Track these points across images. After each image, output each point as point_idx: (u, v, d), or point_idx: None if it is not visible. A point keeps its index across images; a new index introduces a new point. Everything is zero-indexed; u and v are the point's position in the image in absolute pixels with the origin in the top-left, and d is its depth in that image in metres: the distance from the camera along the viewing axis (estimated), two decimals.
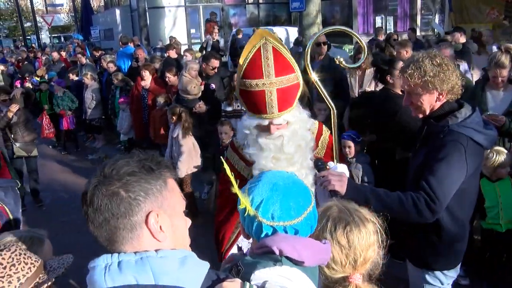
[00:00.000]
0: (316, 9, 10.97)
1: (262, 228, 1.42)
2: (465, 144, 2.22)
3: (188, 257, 1.20)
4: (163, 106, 6.88)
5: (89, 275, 1.18)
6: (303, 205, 1.45)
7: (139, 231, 1.19)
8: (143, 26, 16.82)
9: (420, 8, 18.99)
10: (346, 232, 1.56)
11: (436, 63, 2.24)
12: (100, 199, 1.17)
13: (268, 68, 2.20)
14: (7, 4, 36.57)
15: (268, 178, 1.50)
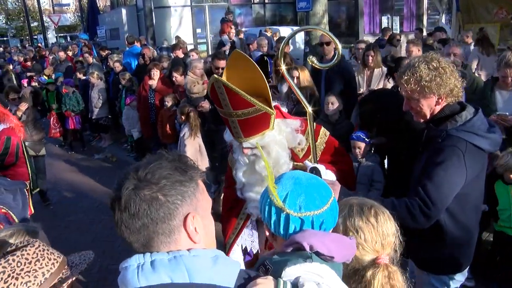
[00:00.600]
0: (323, 9, 10.94)
1: (289, 221, 1.46)
2: (463, 149, 2.19)
3: (219, 256, 1.21)
4: (172, 106, 6.90)
5: (121, 275, 1.17)
6: (325, 196, 1.51)
7: (176, 235, 1.19)
8: (149, 26, 16.85)
9: (426, 8, 18.92)
10: (374, 212, 1.63)
11: (433, 67, 2.22)
12: (138, 204, 1.14)
13: (224, 101, 2.28)
14: (15, 4, 36.79)
15: (289, 175, 1.57)
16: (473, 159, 2.21)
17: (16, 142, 4.69)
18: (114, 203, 1.18)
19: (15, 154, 4.68)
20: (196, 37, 17.50)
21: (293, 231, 1.47)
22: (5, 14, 37.31)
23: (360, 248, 1.58)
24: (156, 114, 7.57)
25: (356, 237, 1.57)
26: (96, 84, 9.19)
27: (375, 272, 1.51)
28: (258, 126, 2.39)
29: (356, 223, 1.61)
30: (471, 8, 10.93)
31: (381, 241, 1.58)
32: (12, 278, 1.46)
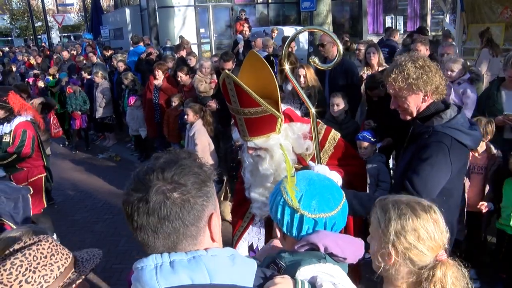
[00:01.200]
0: (327, 9, 10.94)
1: (303, 222, 1.48)
2: (449, 145, 2.25)
3: (236, 255, 1.19)
4: (178, 106, 6.91)
5: (136, 275, 1.14)
6: (338, 197, 1.54)
7: (201, 236, 1.18)
8: (152, 26, 16.87)
9: (430, 8, 18.87)
10: (433, 210, 1.56)
11: (419, 65, 2.28)
12: (169, 207, 1.10)
13: (233, 98, 2.32)
14: (19, 4, 36.92)
15: (302, 175, 1.58)
16: (457, 155, 2.28)
17: (32, 135, 4.77)
18: (137, 206, 1.11)
19: (32, 146, 4.75)
20: (199, 36, 17.52)
21: (306, 232, 1.48)
22: (10, 14, 37.45)
23: (422, 248, 1.50)
24: (161, 114, 7.59)
25: (410, 238, 1.50)
26: (100, 83, 9.21)
27: (444, 270, 1.47)
28: (264, 128, 2.41)
29: (413, 223, 1.51)
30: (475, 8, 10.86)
31: (441, 236, 1.53)
32: (29, 271, 1.47)
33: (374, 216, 1.62)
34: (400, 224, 1.51)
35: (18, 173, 4.90)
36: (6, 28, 38.53)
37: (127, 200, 1.14)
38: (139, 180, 1.14)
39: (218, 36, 17.98)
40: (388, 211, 1.55)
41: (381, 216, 1.57)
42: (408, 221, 1.50)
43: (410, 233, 1.50)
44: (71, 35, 36.14)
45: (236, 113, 2.37)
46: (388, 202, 1.60)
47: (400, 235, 1.50)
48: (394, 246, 1.51)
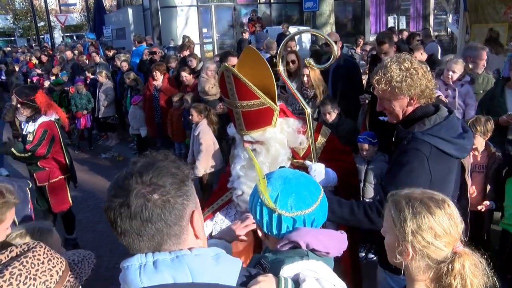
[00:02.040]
0: (329, 9, 10.95)
1: (282, 221, 1.48)
2: (427, 153, 2.16)
3: (220, 255, 1.21)
4: (180, 105, 6.92)
5: (123, 274, 1.16)
6: (315, 193, 1.54)
7: (185, 235, 1.19)
8: (155, 26, 16.89)
9: (433, 8, 18.83)
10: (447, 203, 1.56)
11: (404, 68, 2.19)
12: (150, 210, 1.12)
13: (231, 91, 2.34)
14: (22, 4, 37.01)
15: (277, 174, 1.58)
16: (438, 163, 2.18)
17: (52, 135, 4.78)
18: (119, 211, 1.13)
19: (48, 147, 4.77)
20: (202, 36, 17.52)
21: (286, 230, 1.49)
22: (13, 14, 37.55)
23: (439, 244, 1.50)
24: (161, 114, 7.60)
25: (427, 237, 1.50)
26: (104, 83, 9.23)
27: (462, 261, 1.47)
28: (261, 121, 2.44)
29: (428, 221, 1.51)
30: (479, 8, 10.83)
31: (457, 229, 1.52)
32: (30, 279, 1.46)
33: (388, 213, 1.61)
34: (416, 223, 1.50)
35: (40, 172, 4.96)
36: (9, 28, 38.61)
37: (109, 206, 1.15)
38: (118, 186, 1.16)
39: (220, 36, 17.97)
40: (403, 210, 1.54)
41: (395, 214, 1.56)
42: (424, 220, 1.50)
43: (426, 231, 1.50)
44: (74, 35, 36.20)
45: (234, 106, 2.38)
46: (401, 199, 1.58)
47: (417, 234, 1.50)
48: (411, 244, 1.51)
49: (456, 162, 2.30)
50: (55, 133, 4.84)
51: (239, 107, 2.36)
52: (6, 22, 38.01)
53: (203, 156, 5.55)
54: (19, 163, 5.56)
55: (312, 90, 4.96)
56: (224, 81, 2.34)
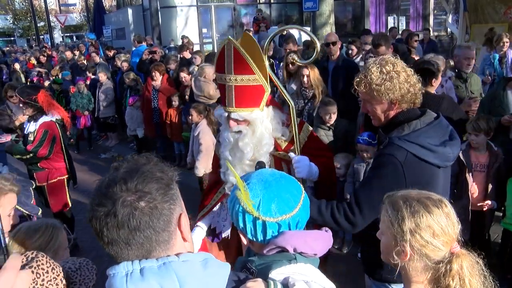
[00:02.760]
0: (329, 9, 10.94)
1: (267, 227, 1.45)
2: (401, 159, 2.08)
3: (208, 260, 1.18)
4: (179, 105, 6.91)
5: (108, 282, 1.13)
6: (297, 194, 1.51)
7: (173, 239, 1.17)
8: (155, 26, 16.88)
9: (433, 8, 18.82)
10: (444, 203, 1.55)
11: (386, 70, 2.14)
12: (138, 218, 1.09)
13: (229, 63, 2.42)
14: (22, 4, 37.01)
15: (256, 179, 1.53)
16: (415, 171, 2.10)
17: (53, 136, 4.78)
18: (105, 221, 1.09)
19: (49, 148, 4.77)
20: (202, 37, 17.52)
21: (271, 235, 1.46)
22: (12, 14, 37.54)
23: (437, 244, 1.50)
24: (160, 115, 7.60)
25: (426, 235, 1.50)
26: (104, 83, 9.22)
27: (460, 262, 1.47)
28: (251, 100, 2.51)
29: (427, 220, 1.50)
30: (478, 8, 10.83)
31: (454, 229, 1.52)
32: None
33: (385, 214, 1.60)
34: (414, 222, 1.50)
35: (40, 172, 4.98)
36: (9, 28, 38.61)
37: (94, 216, 1.12)
38: (102, 194, 1.12)
39: (220, 36, 17.96)
40: (400, 209, 1.54)
41: (393, 214, 1.55)
42: (422, 218, 1.50)
43: (425, 230, 1.49)
44: (74, 35, 36.20)
45: (228, 81, 2.45)
46: (398, 199, 1.58)
47: (415, 233, 1.50)
48: (410, 243, 1.51)
49: (439, 171, 2.20)
50: (56, 134, 4.83)
51: (233, 81, 2.43)
52: (6, 22, 38.02)
53: (203, 156, 5.55)
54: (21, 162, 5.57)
55: (311, 90, 4.97)
56: (224, 54, 2.43)
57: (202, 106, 5.80)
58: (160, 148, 8.37)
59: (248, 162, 2.59)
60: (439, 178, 2.23)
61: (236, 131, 2.57)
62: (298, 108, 5.07)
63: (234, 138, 2.59)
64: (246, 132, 2.55)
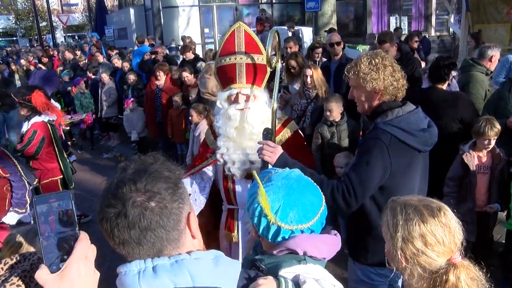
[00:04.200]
0: (331, 9, 10.94)
1: (280, 232, 1.46)
2: (386, 142, 2.27)
3: (219, 257, 1.18)
4: (180, 105, 6.91)
5: (119, 279, 1.14)
6: (317, 206, 1.51)
7: (183, 238, 1.18)
8: (157, 26, 16.91)
9: (435, 8, 18.79)
10: (443, 212, 1.53)
11: (374, 62, 2.33)
12: (148, 218, 1.10)
13: (239, 44, 2.67)
14: (24, 4, 37.09)
15: (281, 182, 1.52)
16: (398, 153, 2.28)
17: (42, 136, 4.76)
18: (116, 222, 1.10)
19: (37, 148, 4.75)
20: (204, 37, 17.53)
21: (281, 239, 1.47)
22: (15, 14, 37.63)
23: (430, 254, 1.48)
24: (163, 114, 7.60)
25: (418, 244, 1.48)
26: (106, 83, 9.23)
27: (457, 273, 1.45)
28: (258, 78, 2.74)
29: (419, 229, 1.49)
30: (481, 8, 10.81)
31: (453, 239, 1.49)
32: None
33: (384, 217, 1.61)
34: (406, 229, 1.49)
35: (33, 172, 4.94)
36: (11, 28, 38.72)
37: (104, 217, 1.12)
38: (112, 195, 1.13)
39: (222, 36, 17.98)
40: (396, 215, 1.53)
41: (389, 219, 1.56)
42: (415, 227, 1.48)
43: (417, 239, 1.47)
44: (76, 35, 36.28)
45: (239, 60, 2.68)
46: (397, 204, 1.57)
47: (407, 241, 1.48)
48: (402, 251, 1.49)
49: (419, 156, 2.38)
50: (46, 135, 4.80)
51: (245, 59, 2.67)
52: (8, 22, 38.11)
53: None
54: None
55: (314, 90, 4.96)
56: (234, 37, 2.68)
57: (202, 106, 5.78)
58: (163, 148, 8.40)
59: (255, 137, 2.72)
60: (419, 162, 2.42)
61: (244, 108, 2.72)
62: (300, 108, 5.06)
63: (241, 115, 2.73)
64: (254, 107, 2.73)
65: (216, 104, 2.87)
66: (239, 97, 2.72)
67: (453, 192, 3.98)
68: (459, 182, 3.96)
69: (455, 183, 3.97)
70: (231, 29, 2.72)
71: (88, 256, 1.00)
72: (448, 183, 4.03)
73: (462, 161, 3.87)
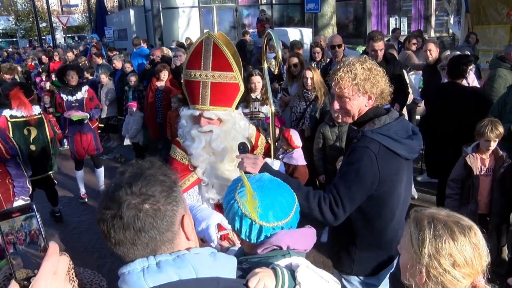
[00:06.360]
0: (331, 10, 10.94)
1: (262, 231, 1.55)
2: (375, 151, 2.20)
3: (216, 253, 1.24)
4: (178, 106, 6.90)
5: (122, 279, 1.17)
6: (292, 202, 1.61)
7: (177, 239, 1.22)
8: (157, 27, 16.91)
9: (434, 9, 18.81)
10: (473, 232, 1.44)
11: (367, 67, 2.25)
12: (142, 219, 1.15)
13: (206, 60, 2.37)
14: (24, 5, 37.12)
15: (256, 185, 1.60)
16: (386, 162, 2.22)
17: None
18: (112, 223, 1.15)
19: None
20: None
21: (264, 237, 1.55)
22: (15, 15, 37.66)
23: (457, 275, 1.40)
24: (164, 115, 7.61)
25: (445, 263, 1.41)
26: (105, 84, 9.23)
27: None
28: (226, 98, 2.48)
29: (449, 247, 1.40)
30: (480, 9, 10.82)
31: (481, 261, 1.41)
32: None
33: (407, 230, 1.52)
34: (435, 247, 1.40)
35: None
36: (11, 29, 38.75)
37: (102, 219, 1.18)
38: (109, 198, 1.19)
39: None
40: (423, 229, 1.44)
41: (414, 232, 1.47)
42: (444, 245, 1.39)
43: (445, 258, 1.39)
44: (76, 35, 36.30)
45: (203, 78, 2.40)
46: (423, 217, 1.48)
47: (434, 258, 1.40)
48: (426, 268, 1.42)
49: (405, 164, 2.33)
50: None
51: (210, 77, 2.39)
52: (8, 23, 38.13)
53: None
54: None
55: (314, 92, 4.97)
56: (200, 49, 2.38)
57: None
58: (164, 149, 8.38)
59: (228, 164, 2.53)
60: (405, 170, 2.36)
61: (207, 131, 2.49)
62: (299, 110, 5.07)
63: (206, 138, 2.50)
64: (218, 132, 2.49)
65: (181, 121, 2.66)
66: (201, 120, 2.48)
67: (455, 194, 3.99)
68: (461, 184, 3.96)
69: (457, 185, 3.98)
70: (199, 39, 2.43)
71: (57, 271, 0.98)
72: (450, 184, 4.04)
73: (465, 163, 3.88)
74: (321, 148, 4.67)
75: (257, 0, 19.25)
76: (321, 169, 4.78)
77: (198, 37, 2.48)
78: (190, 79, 2.48)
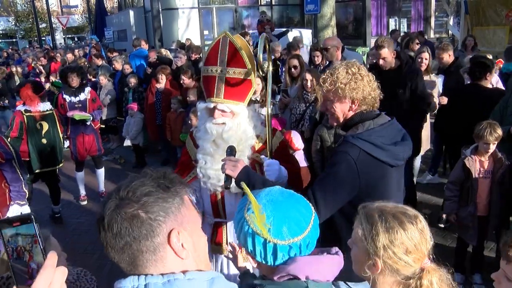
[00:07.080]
0: (331, 11, 10.94)
1: (277, 250, 1.42)
2: (354, 156, 2.18)
3: (215, 279, 1.17)
4: (178, 108, 6.92)
5: None
6: (308, 214, 1.47)
7: (162, 252, 1.16)
8: (156, 28, 16.91)
9: (434, 10, 18.84)
10: (419, 219, 1.55)
11: (351, 72, 2.26)
12: (119, 223, 1.13)
13: (222, 57, 2.54)
14: (24, 6, 37.14)
15: (266, 199, 1.48)
16: (367, 168, 2.20)
17: (19, 120, 5.59)
18: (99, 224, 1.17)
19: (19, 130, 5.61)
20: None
21: (282, 259, 1.43)
22: (15, 15, 37.68)
23: (409, 260, 1.51)
24: (162, 117, 7.62)
25: (399, 252, 1.50)
26: (105, 85, 9.23)
27: (430, 278, 1.49)
28: (239, 93, 2.60)
29: (401, 237, 1.50)
30: (480, 10, 10.84)
31: (426, 245, 1.53)
32: None
33: (358, 225, 1.59)
34: (388, 238, 1.50)
35: None
36: (11, 29, 38.77)
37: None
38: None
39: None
40: (375, 223, 1.52)
41: (366, 227, 1.54)
42: (397, 235, 1.49)
43: (399, 246, 1.49)
44: (75, 36, 36.32)
45: (220, 73, 2.55)
46: (373, 212, 1.56)
47: (388, 249, 1.49)
48: (382, 259, 1.51)
49: (392, 170, 2.30)
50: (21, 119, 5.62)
51: (225, 73, 2.54)
52: (8, 24, 38.15)
53: None
54: None
55: (313, 94, 4.98)
56: (218, 47, 2.56)
57: None
58: (163, 151, 8.39)
59: None
60: (392, 177, 2.34)
61: (220, 123, 2.60)
62: (299, 112, 5.08)
63: (217, 130, 2.61)
64: (231, 124, 2.59)
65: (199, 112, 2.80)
66: (215, 112, 2.61)
67: (454, 196, 4.00)
68: (460, 186, 3.97)
69: (456, 187, 3.99)
70: (216, 38, 2.61)
71: (53, 282, 1.00)
72: (449, 186, 4.05)
73: (464, 165, 3.89)
74: (319, 150, 4.68)
75: (256, 1, 19.26)
76: (319, 170, 4.79)
77: (216, 37, 2.66)
78: (207, 74, 2.62)
